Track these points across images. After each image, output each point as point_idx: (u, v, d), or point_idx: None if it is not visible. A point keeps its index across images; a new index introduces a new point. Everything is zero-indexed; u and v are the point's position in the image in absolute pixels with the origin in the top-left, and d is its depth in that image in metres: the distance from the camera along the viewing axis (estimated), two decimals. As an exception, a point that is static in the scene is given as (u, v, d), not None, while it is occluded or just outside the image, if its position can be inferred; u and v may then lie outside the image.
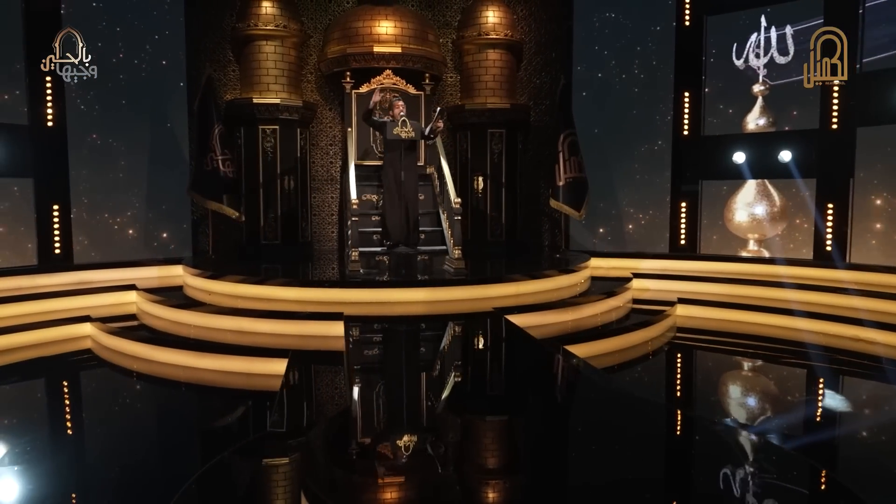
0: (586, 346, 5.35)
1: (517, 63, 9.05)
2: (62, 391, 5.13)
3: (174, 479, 2.92)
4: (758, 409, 4.50)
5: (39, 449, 3.70)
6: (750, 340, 6.25)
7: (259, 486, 2.89)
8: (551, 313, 5.86)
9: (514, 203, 8.87)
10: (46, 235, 6.93)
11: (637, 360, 5.60)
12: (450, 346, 5.17)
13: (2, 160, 6.55)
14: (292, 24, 8.30)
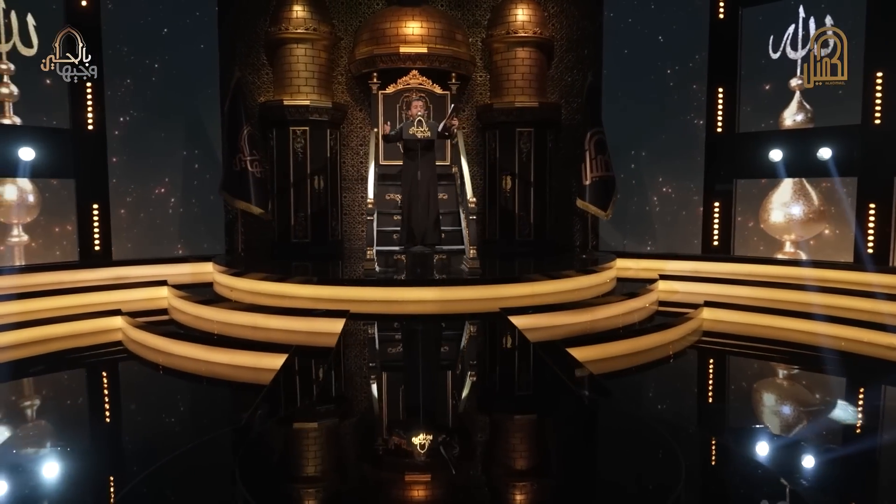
0: (594, 348, 5.25)
1: (548, 61, 8.95)
2: (86, 380, 5.42)
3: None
4: (763, 426, 4.24)
5: (53, 431, 3.94)
6: (778, 346, 5.99)
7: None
8: (564, 314, 5.79)
9: (542, 202, 8.79)
10: (87, 233, 7.33)
11: (646, 364, 5.44)
12: (438, 345, 5.21)
13: (47, 162, 6.95)
14: (322, 27, 8.47)
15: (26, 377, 5.24)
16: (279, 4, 8.41)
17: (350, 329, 5.07)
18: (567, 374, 4.25)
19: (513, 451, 3.13)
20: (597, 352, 5.27)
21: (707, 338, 6.43)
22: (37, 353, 5.76)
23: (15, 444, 3.78)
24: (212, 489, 2.77)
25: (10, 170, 6.66)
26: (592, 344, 5.28)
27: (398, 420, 3.55)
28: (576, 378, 4.30)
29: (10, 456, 3.55)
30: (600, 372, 5.04)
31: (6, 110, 6.70)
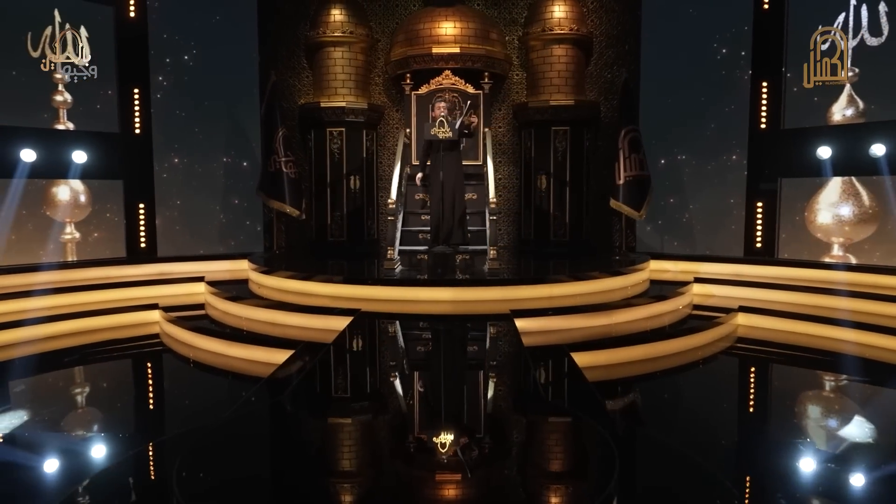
0: (604, 353, 5.14)
1: (586, 58, 8.76)
2: (114, 369, 5.76)
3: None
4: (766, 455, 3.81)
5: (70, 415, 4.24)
6: (817, 357, 5.67)
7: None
8: (579, 317, 5.66)
9: (579, 202, 8.62)
10: (133, 231, 7.77)
11: (660, 371, 5.26)
12: (426, 345, 5.23)
13: (96, 164, 7.42)
14: (359, 30, 8.62)
15: (64, 367, 5.63)
16: (318, 9, 8.62)
17: (353, 327, 5.16)
18: (552, 379, 4.18)
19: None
20: (606, 356, 5.16)
21: (741, 344, 6.17)
22: (82, 343, 6.17)
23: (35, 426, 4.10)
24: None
25: (63, 171, 7.15)
26: (603, 349, 5.17)
27: (348, 410, 3.61)
28: (554, 383, 4.24)
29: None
30: (606, 378, 4.96)
31: (60, 116, 7.19)
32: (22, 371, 5.39)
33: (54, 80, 7.07)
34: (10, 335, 5.96)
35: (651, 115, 7.92)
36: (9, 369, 5.31)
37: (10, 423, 4.14)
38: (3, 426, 4.07)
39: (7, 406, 4.55)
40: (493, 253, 6.39)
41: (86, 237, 7.63)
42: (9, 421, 4.19)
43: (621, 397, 4.68)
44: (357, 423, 3.44)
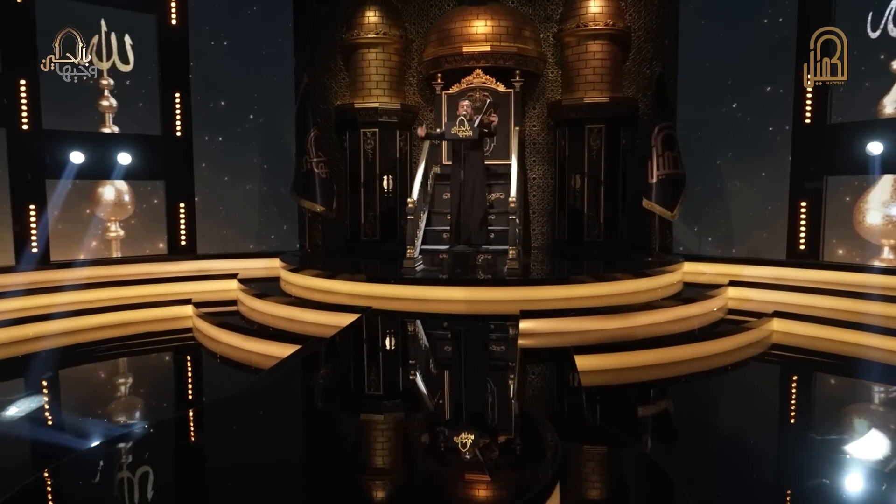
0: (614, 356, 4.99)
1: (622, 53, 8.53)
2: (138, 360, 6.04)
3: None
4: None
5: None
6: (853, 365, 5.31)
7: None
8: (595, 319, 5.51)
9: (614, 202, 8.40)
10: (174, 229, 8.11)
11: (668, 378, 5.05)
12: (418, 342, 5.21)
13: (140, 165, 7.80)
14: (393, 31, 8.70)
15: (99, 357, 5.94)
16: (353, 11, 8.75)
17: (355, 324, 5.21)
18: (536, 381, 4.09)
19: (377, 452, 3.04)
20: (617, 360, 5.00)
21: (774, 351, 5.85)
22: (120, 335, 6.52)
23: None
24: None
25: (109, 173, 7.55)
26: (613, 352, 5.01)
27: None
28: (536, 385, 4.14)
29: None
30: (610, 383, 4.82)
31: (106, 120, 7.60)
32: (61, 360, 5.74)
33: (100, 86, 7.48)
34: (57, 325, 6.35)
35: (689, 110, 7.62)
36: (49, 358, 5.66)
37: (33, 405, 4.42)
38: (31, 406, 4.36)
39: (32, 391, 4.86)
40: (512, 253, 6.31)
41: (130, 235, 8.02)
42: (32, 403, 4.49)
43: (613, 402, 4.52)
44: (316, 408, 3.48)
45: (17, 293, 6.64)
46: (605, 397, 4.56)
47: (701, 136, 7.86)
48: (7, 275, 6.81)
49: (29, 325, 6.23)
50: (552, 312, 5.42)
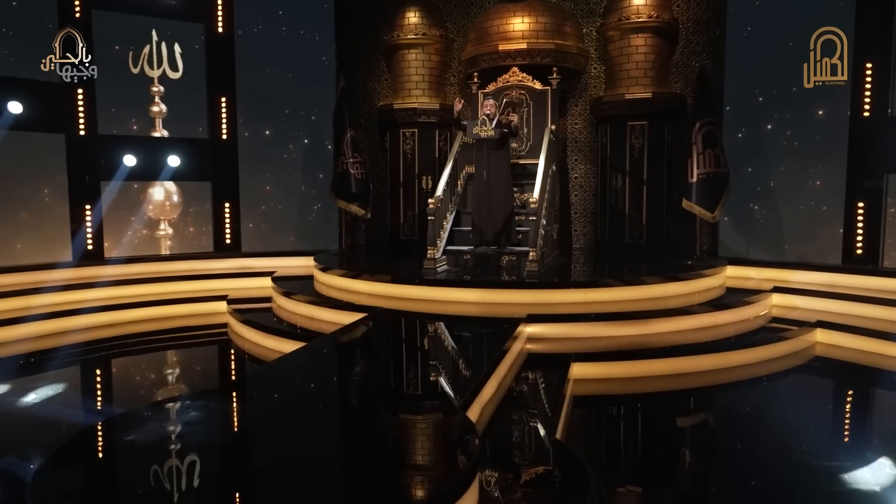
0: (620, 364, 4.79)
1: (669, 46, 8.13)
2: (176, 352, 6.36)
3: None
4: None
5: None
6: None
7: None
8: (609, 325, 5.29)
9: (658, 202, 8.03)
10: (220, 227, 8.47)
11: (675, 390, 4.76)
12: (406, 341, 5.15)
13: (188, 167, 8.21)
14: (433, 31, 8.71)
15: (134, 350, 6.32)
16: (395, 12, 8.82)
17: (357, 323, 5.24)
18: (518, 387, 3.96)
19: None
20: (623, 369, 4.79)
21: (816, 364, 5.41)
22: (161, 328, 6.93)
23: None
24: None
25: (159, 174, 7.99)
26: (619, 360, 4.80)
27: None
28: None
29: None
30: (609, 393, 4.64)
31: (157, 125, 8.04)
32: (103, 350, 6.16)
33: (151, 92, 7.93)
34: (105, 318, 6.82)
35: (737, 105, 7.17)
36: (89, 349, 6.08)
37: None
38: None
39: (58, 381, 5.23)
40: (532, 255, 6.16)
41: (179, 233, 8.45)
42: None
43: (592, 415, 4.32)
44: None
45: (73, 287, 7.16)
46: (592, 408, 4.39)
47: (748, 132, 7.38)
48: (64, 270, 7.34)
49: (82, 316, 6.71)
50: (559, 317, 5.25)
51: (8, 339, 6.01)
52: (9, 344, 5.92)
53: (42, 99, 7.16)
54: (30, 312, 6.34)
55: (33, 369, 5.48)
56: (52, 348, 5.90)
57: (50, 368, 5.57)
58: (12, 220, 7.38)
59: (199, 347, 6.56)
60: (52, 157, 7.35)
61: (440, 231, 6.80)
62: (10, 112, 6.96)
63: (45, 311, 6.44)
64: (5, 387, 5.01)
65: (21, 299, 6.62)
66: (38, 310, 6.46)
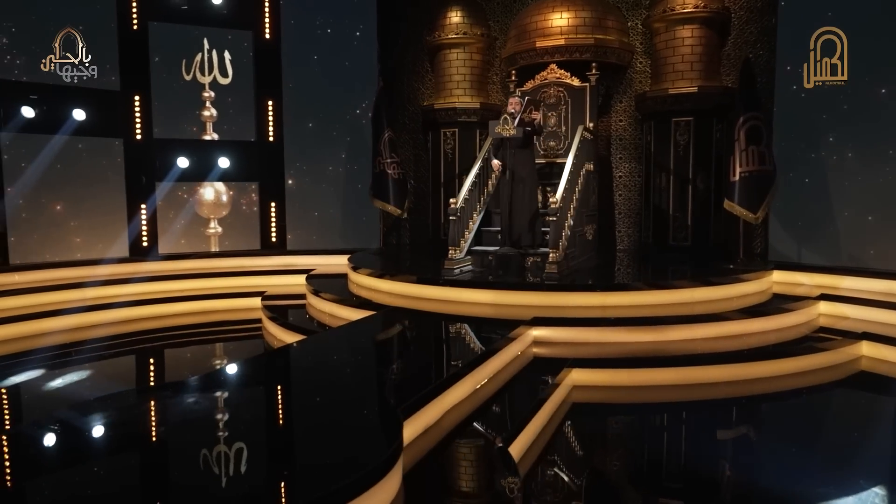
0: (623, 372, 4.60)
1: (719, 38, 7.70)
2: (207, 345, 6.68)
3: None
4: None
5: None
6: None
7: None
8: (622, 330, 5.08)
9: (704, 202, 7.63)
10: (266, 226, 8.81)
11: (673, 402, 4.51)
12: (398, 340, 5.10)
13: (237, 168, 8.59)
14: (474, 30, 8.67)
15: (171, 342, 6.71)
16: (437, 12, 8.85)
17: (361, 322, 5.31)
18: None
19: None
20: (626, 377, 4.59)
21: (856, 379, 4.98)
22: (202, 321, 7.31)
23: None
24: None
25: (209, 175, 8.42)
26: (622, 367, 4.61)
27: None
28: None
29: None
30: (607, 401, 4.45)
31: (207, 129, 8.46)
32: (146, 341, 6.58)
33: (202, 97, 8.36)
34: (154, 310, 7.29)
35: (787, 97, 6.69)
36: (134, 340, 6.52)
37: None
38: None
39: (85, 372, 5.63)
40: (553, 256, 6.01)
41: (227, 231, 8.86)
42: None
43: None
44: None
45: (131, 280, 7.68)
46: (585, 417, 4.23)
47: (801, 127, 6.87)
48: (121, 265, 7.88)
49: (132, 308, 7.21)
50: (569, 321, 5.09)
51: (66, 328, 6.54)
52: (67, 332, 6.43)
53: (102, 106, 7.71)
54: (88, 303, 6.89)
55: (85, 355, 5.95)
56: (105, 336, 6.38)
57: (96, 354, 6.02)
58: (74, 217, 8.00)
59: (231, 342, 6.85)
60: (110, 160, 7.91)
61: (465, 231, 6.76)
62: (74, 118, 7.54)
63: (102, 302, 6.98)
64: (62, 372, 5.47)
65: (81, 291, 7.17)
66: (96, 301, 7.01)
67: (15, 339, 6.21)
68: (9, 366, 5.54)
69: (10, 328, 6.37)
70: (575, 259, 6.60)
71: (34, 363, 5.64)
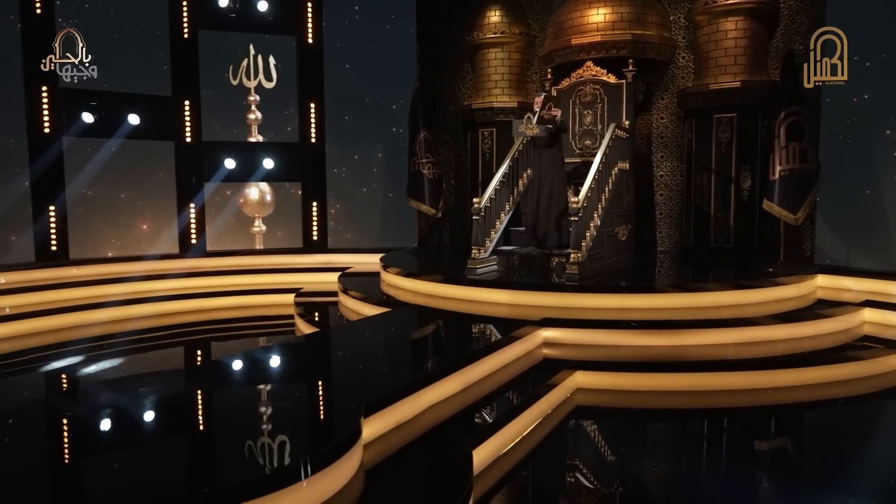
0: (630, 376, 4.47)
1: (766, 29, 7.33)
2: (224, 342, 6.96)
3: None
4: None
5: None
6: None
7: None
8: (637, 333, 4.95)
9: (747, 202, 7.28)
10: (308, 225, 9.08)
11: (677, 409, 4.33)
12: (393, 338, 5.11)
13: (281, 169, 8.90)
14: (513, 29, 8.62)
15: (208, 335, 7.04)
16: (477, 12, 8.85)
17: (372, 319, 5.40)
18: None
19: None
20: (633, 381, 4.47)
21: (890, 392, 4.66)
22: (241, 316, 7.66)
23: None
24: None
25: (254, 175, 8.76)
26: (629, 371, 4.49)
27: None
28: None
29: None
30: (606, 405, 4.35)
31: (252, 131, 8.81)
32: (185, 334, 6.94)
33: (248, 101, 8.71)
34: (196, 304, 7.68)
35: (838, 92, 6.31)
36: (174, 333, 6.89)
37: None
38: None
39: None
40: (574, 256, 5.90)
41: (271, 229, 9.19)
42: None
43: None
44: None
45: (178, 275, 8.11)
46: (586, 419, 4.13)
47: (857, 122, 6.46)
48: (171, 261, 8.33)
49: (177, 301, 7.63)
50: (573, 322, 5.01)
51: (114, 319, 7.01)
52: (114, 323, 6.88)
53: (155, 111, 8.18)
54: (137, 297, 7.34)
55: (124, 347, 6.36)
56: (147, 328, 6.80)
57: (135, 347, 6.41)
58: (127, 215, 8.52)
59: (263, 336, 7.11)
60: (161, 161, 8.37)
61: (490, 231, 6.74)
62: (129, 123, 8.04)
63: (149, 295, 7.44)
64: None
65: (131, 285, 7.64)
66: (145, 294, 7.47)
67: (71, 328, 6.70)
68: (66, 352, 6.03)
69: (68, 317, 6.90)
70: (602, 260, 6.45)
71: (88, 351, 6.09)
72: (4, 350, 6.02)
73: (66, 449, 2.74)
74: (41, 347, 6.20)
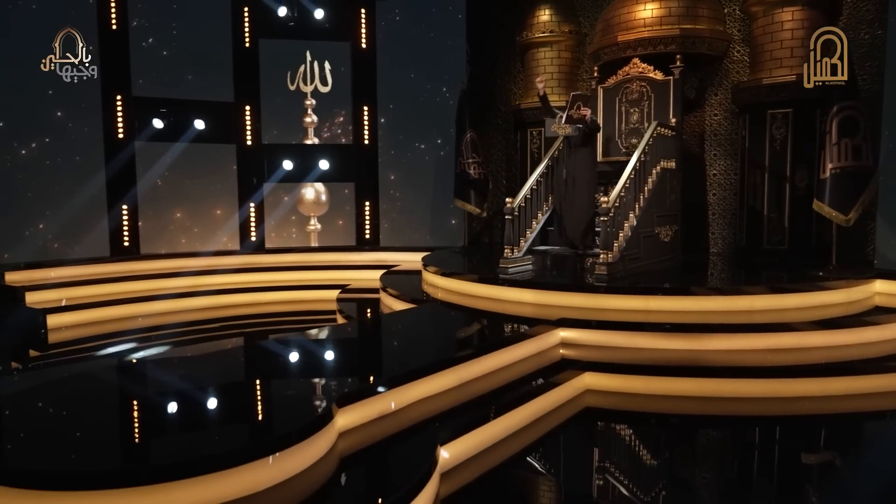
0: (640, 379, 4.40)
1: (827, 18, 6.90)
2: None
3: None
4: None
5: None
6: None
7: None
8: (658, 336, 4.83)
9: (802, 202, 6.89)
10: (360, 224, 9.38)
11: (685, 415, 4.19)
12: (396, 334, 5.19)
13: (336, 170, 9.25)
14: (563, 27, 8.56)
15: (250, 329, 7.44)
16: (527, 12, 8.84)
17: (397, 312, 5.55)
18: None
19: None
20: (642, 384, 4.39)
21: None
22: (291, 310, 8.02)
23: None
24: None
25: (309, 176, 9.16)
26: (640, 374, 4.41)
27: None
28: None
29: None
30: (608, 407, 4.29)
31: (308, 134, 9.20)
32: (236, 327, 7.38)
33: (304, 105, 9.11)
34: (248, 298, 8.15)
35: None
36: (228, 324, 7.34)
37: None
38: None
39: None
40: (604, 257, 5.82)
41: (326, 228, 9.56)
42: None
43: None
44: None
45: (235, 270, 8.61)
46: (591, 421, 4.09)
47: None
48: (231, 256, 8.85)
49: (233, 294, 8.13)
50: (592, 323, 4.95)
51: (177, 309, 7.57)
52: (171, 314, 7.43)
53: (218, 116, 8.71)
54: (198, 289, 7.89)
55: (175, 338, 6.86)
56: (201, 319, 7.28)
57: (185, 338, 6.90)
58: (191, 213, 9.12)
59: (301, 330, 7.42)
60: (224, 163, 8.91)
61: (526, 231, 6.74)
62: (195, 128, 8.61)
63: (209, 288, 7.97)
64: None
65: (193, 279, 8.19)
66: (205, 287, 8.01)
67: (142, 316, 7.30)
68: (139, 339, 6.61)
69: (138, 307, 7.53)
70: (639, 261, 6.32)
71: (140, 339, 6.62)
72: (82, 335, 6.67)
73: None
74: (109, 334, 6.81)
